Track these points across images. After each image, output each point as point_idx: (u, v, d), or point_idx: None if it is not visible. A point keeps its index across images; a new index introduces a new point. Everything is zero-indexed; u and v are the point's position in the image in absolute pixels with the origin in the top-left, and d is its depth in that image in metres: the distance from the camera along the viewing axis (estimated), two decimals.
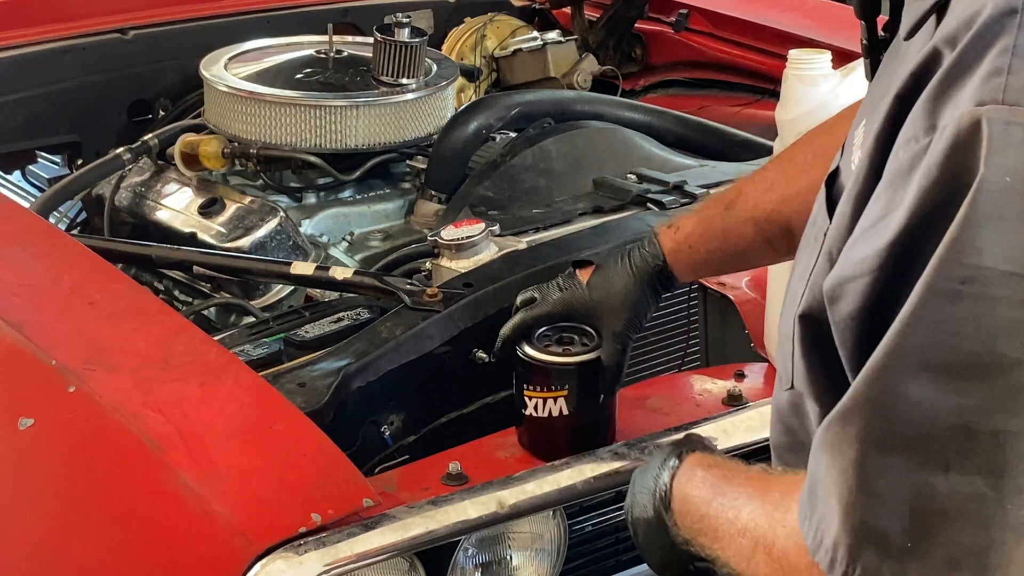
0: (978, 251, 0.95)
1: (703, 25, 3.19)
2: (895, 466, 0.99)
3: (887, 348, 1.00)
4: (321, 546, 1.39)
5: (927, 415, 0.98)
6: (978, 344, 0.96)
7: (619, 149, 2.43)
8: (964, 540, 0.98)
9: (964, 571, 0.98)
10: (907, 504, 0.99)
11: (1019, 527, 0.97)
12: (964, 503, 0.98)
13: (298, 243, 2.32)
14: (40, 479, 1.67)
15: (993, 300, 0.96)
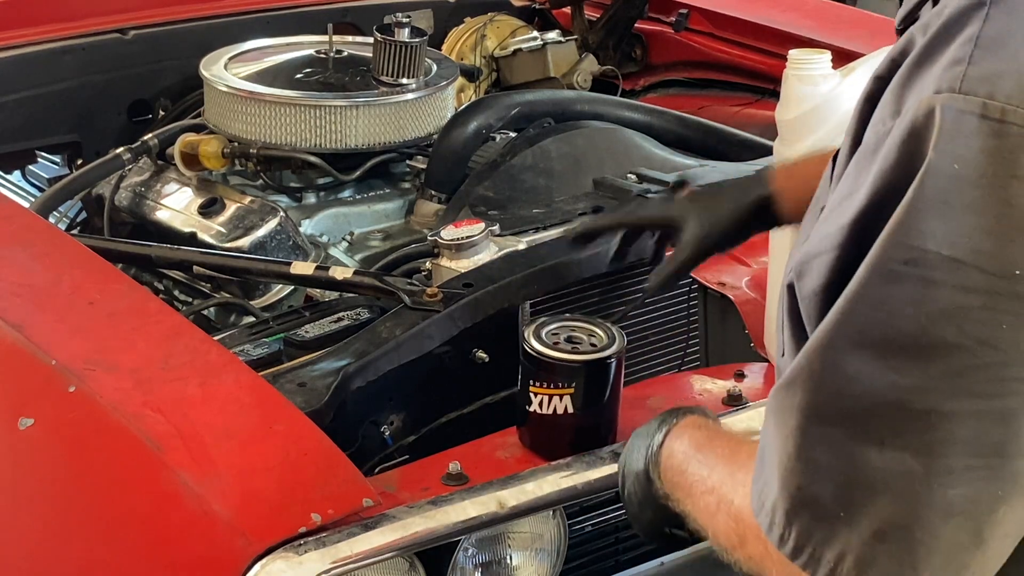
0: (922, 234, 0.98)
1: (703, 25, 3.19)
2: (831, 437, 1.02)
3: (830, 323, 1.02)
4: (321, 546, 1.39)
5: (864, 390, 1.00)
6: (916, 325, 0.98)
7: (619, 149, 2.43)
8: (891, 514, 1.00)
9: (889, 544, 1.01)
10: (841, 474, 1.02)
11: (945, 506, 0.99)
12: (894, 478, 1.00)
13: (298, 243, 2.32)
14: (40, 479, 1.67)
15: (934, 283, 0.98)
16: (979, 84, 0.97)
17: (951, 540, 1.01)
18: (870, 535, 1.01)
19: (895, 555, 1.01)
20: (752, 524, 1.10)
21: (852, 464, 1.01)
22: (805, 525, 1.04)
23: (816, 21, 3.01)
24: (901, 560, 1.01)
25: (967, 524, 1.01)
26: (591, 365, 1.59)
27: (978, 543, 1.01)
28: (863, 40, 2.66)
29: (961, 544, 1.01)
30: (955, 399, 0.99)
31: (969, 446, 0.99)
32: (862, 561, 1.02)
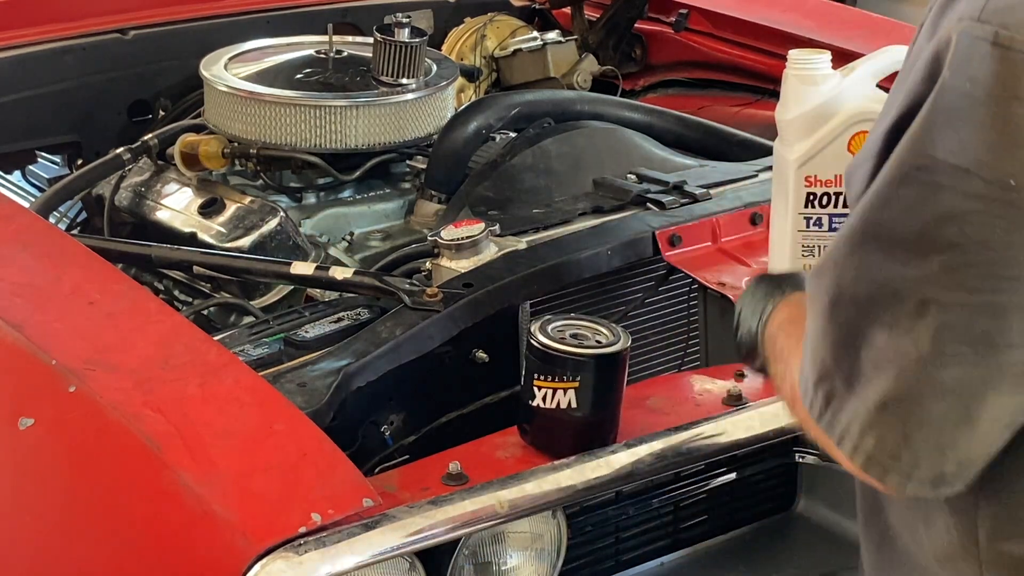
0: (933, 144, 1.11)
1: (703, 25, 3.19)
2: (848, 319, 1.16)
3: (853, 218, 1.18)
4: (321, 546, 1.39)
5: (875, 280, 1.14)
6: (922, 224, 1.12)
7: (619, 149, 2.43)
8: (892, 389, 1.14)
9: (889, 415, 1.14)
10: (855, 352, 1.16)
11: (937, 385, 1.12)
12: (896, 358, 1.13)
13: (298, 243, 2.32)
14: (40, 479, 1.67)
15: (940, 188, 1.11)
16: (994, 15, 1.09)
17: (941, 416, 1.13)
18: (874, 406, 1.15)
19: (892, 425, 1.15)
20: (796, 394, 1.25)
21: (863, 344, 1.15)
22: (826, 394, 1.18)
23: (816, 21, 3.01)
24: (897, 429, 1.15)
25: (957, 403, 1.13)
26: (598, 359, 1.59)
27: (967, 422, 1.13)
28: (863, 40, 2.66)
29: (950, 420, 1.13)
30: (951, 292, 1.11)
31: (961, 334, 1.11)
32: (866, 427, 1.15)
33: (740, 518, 1.89)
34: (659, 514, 1.81)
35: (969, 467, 1.18)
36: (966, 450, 1.16)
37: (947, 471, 1.17)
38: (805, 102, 1.74)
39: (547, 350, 1.59)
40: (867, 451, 1.16)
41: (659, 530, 1.81)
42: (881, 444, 1.16)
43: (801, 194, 1.75)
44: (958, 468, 1.17)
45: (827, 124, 1.73)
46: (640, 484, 1.73)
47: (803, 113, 1.74)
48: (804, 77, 1.75)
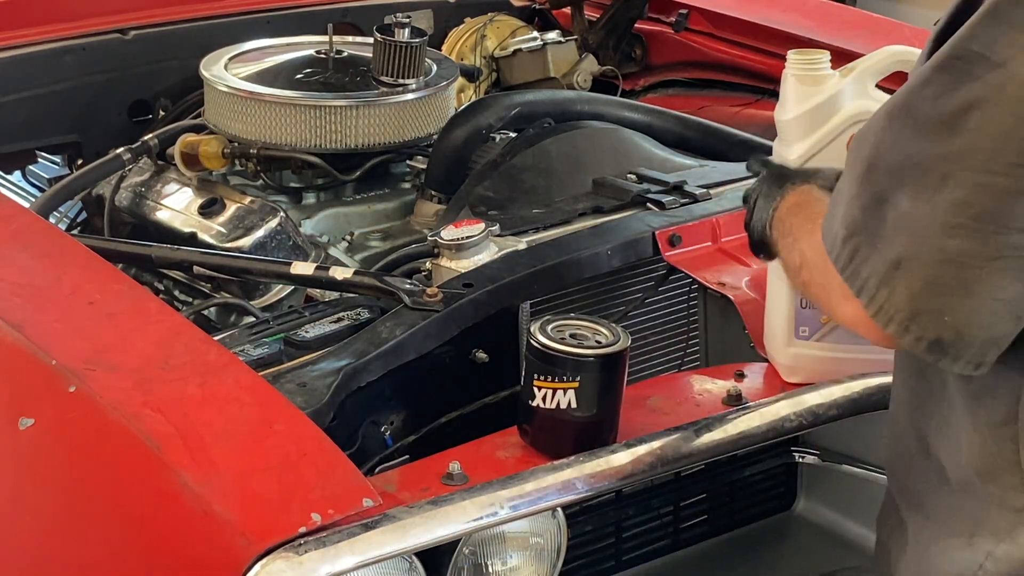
0: (972, 38, 1.24)
1: (703, 25, 3.19)
2: (879, 184, 1.29)
3: (896, 96, 1.30)
4: (321, 546, 1.39)
5: (906, 151, 1.28)
6: (951, 107, 1.24)
7: (619, 149, 2.43)
8: (905, 249, 1.27)
9: (902, 272, 1.28)
10: (882, 213, 1.29)
11: (942, 250, 1.25)
12: (912, 221, 1.27)
13: (298, 243, 2.32)
14: (40, 479, 1.67)
15: (971, 76, 1.24)
16: None
17: (939, 279, 1.26)
18: (891, 262, 1.28)
19: (903, 281, 1.28)
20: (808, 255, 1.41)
21: (889, 207, 1.28)
22: (852, 248, 1.31)
23: (816, 21, 3.01)
24: (905, 285, 1.28)
25: (955, 271, 1.26)
26: (598, 359, 1.59)
27: (964, 291, 1.26)
28: (863, 40, 2.66)
29: (948, 286, 1.26)
30: (967, 171, 1.24)
31: (969, 209, 1.24)
32: (882, 281, 1.29)
33: (740, 518, 1.89)
34: (659, 514, 1.81)
35: (968, 342, 1.28)
36: (965, 321, 1.27)
37: (945, 337, 1.28)
38: (805, 102, 1.74)
39: (547, 350, 1.59)
40: (879, 302, 1.29)
41: (659, 530, 1.81)
42: (891, 297, 1.28)
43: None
44: (956, 338, 1.28)
45: (827, 124, 1.74)
46: (640, 484, 1.73)
47: (803, 113, 1.74)
48: (803, 77, 1.75)
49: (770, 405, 1.74)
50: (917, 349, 1.29)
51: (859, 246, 1.31)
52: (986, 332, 1.28)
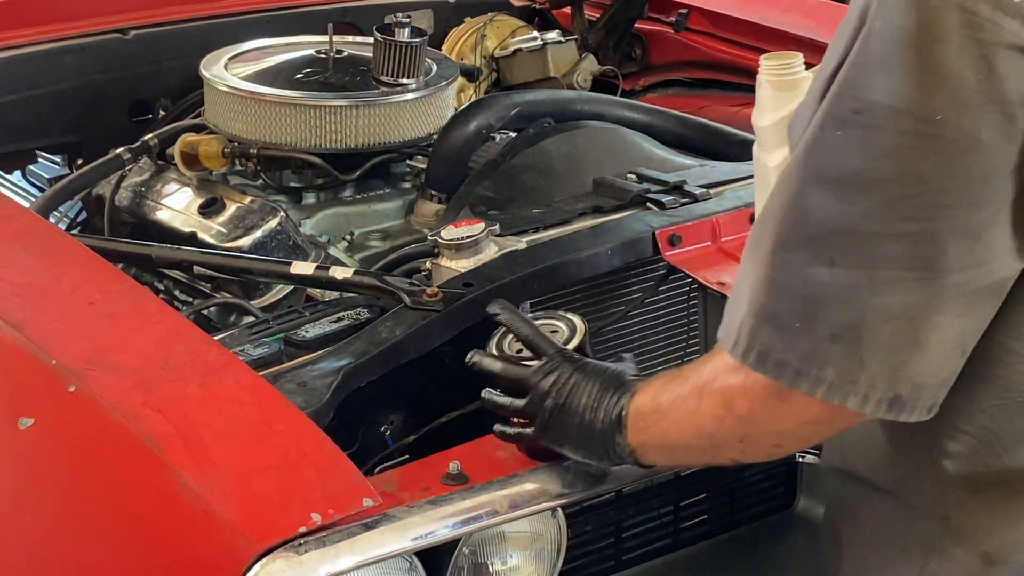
0: (868, 88, 1.20)
1: (703, 25, 3.19)
2: (793, 261, 1.24)
3: (793, 162, 1.26)
4: (321, 546, 1.39)
5: (820, 219, 1.22)
6: (862, 163, 1.20)
7: (619, 149, 2.43)
8: (842, 319, 1.22)
9: (842, 344, 1.23)
10: (800, 291, 1.23)
11: (885, 310, 1.21)
12: (843, 291, 1.22)
13: (298, 243, 2.32)
14: (40, 479, 1.67)
15: (877, 128, 1.20)
16: None
17: (891, 339, 1.22)
18: (826, 338, 1.23)
19: (847, 352, 1.23)
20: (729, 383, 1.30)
21: (809, 282, 1.23)
22: (768, 337, 1.25)
23: (816, 21, 3.01)
24: (851, 356, 1.23)
25: (905, 326, 1.22)
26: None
27: (916, 344, 1.23)
28: None
29: (901, 343, 1.22)
30: (891, 222, 1.20)
31: (903, 261, 1.21)
32: (822, 359, 1.23)
33: (740, 518, 1.89)
34: (659, 514, 1.81)
35: (923, 390, 1.26)
36: (919, 372, 1.24)
37: (903, 392, 1.24)
38: (782, 107, 1.71)
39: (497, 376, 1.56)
40: (828, 381, 1.23)
41: (659, 530, 1.81)
42: (841, 372, 1.23)
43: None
44: (913, 389, 1.25)
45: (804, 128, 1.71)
46: (640, 484, 1.73)
47: (781, 119, 1.71)
48: (778, 83, 1.72)
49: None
50: (878, 413, 1.25)
51: (776, 332, 1.25)
52: (938, 376, 1.26)
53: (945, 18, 1.17)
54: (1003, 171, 1.20)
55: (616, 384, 1.48)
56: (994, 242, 1.22)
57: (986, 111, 1.18)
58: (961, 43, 1.17)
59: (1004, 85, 1.17)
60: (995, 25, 1.17)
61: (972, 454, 1.33)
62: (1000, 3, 1.17)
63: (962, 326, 1.25)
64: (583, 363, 1.53)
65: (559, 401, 1.50)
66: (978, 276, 1.23)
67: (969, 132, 1.18)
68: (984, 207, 1.21)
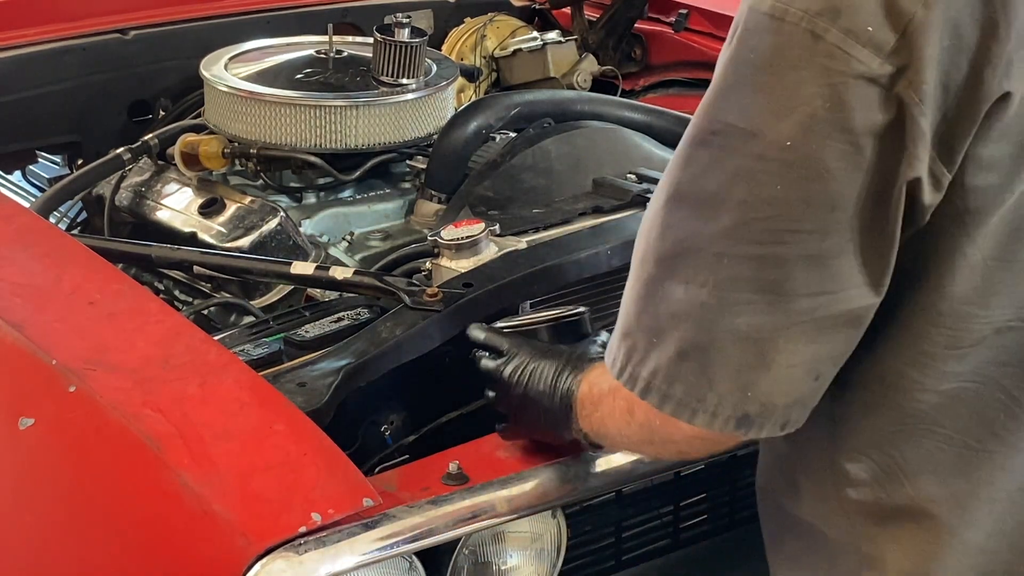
0: (725, 110, 1.21)
1: (703, 25, 3.19)
2: (651, 278, 1.26)
3: (662, 181, 1.27)
4: (321, 546, 1.39)
5: (675, 237, 1.24)
6: (717, 183, 1.21)
7: (619, 149, 2.43)
8: (691, 338, 1.23)
9: (690, 361, 1.23)
10: (654, 308, 1.25)
11: (733, 331, 1.22)
12: (693, 309, 1.22)
13: (298, 243, 2.32)
14: (40, 479, 1.67)
15: (731, 150, 1.20)
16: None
17: (739, 360, 1.22)
18: (675, 354, 1.24)
19: (695, 370, 1.23)
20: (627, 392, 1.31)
21: (663, 299, 1.24)
22: (627, 350, 1.28)
23: None
24: (699, 373, 1.23)
25: (752, 348, 1.22)
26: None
27: (763, 365, 1.22)
28: None
29: (748, 364, 1.22)
30: (741, 245, 1.20)
31: (752, 283, 1.21)
32: (670, 376, 1.25)
33: (740, 518, 1.89)
34: (659, 514, 1.81)
35: (772, 410, 1.25)
36: (767, 392, 1.24)
37: (751, 411, 1.24)
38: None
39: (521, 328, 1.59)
40: (677, 397, 1.25)
41: (659, 530, 1.81)
42: (689, 389, 1.24)
43: None
44: (761, 409, 1.24)
45: None
46: (640, 484, 1.73)
47: None
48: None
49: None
50: (726, 429, 1.25)
51: (635, 346, 1.27)
52: (787, 397, 1.25)
53: (797, 43, 1.16)
54: (851, 200, 1.19)
55: (571, 368, 1.51)
56: (843, 271, 1.21)
57: (834, 139, 1.17)
58: (812, 69, 1.16)
59: (852, 115, 1.16)
60: (845, 54, 1.16)
61: (874, 481, 1.32)
62: (851, 31, 1.16)
63: (814, 352, 1.24)
64: (543, 349, 1.56)
65: (520, 391, 1.54)
66: (827, 304, 1.22)
67: (817, 160, 1.17)
68: (831, 235, 1.20)
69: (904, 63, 1.16)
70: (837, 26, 1.16)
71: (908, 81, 1.16)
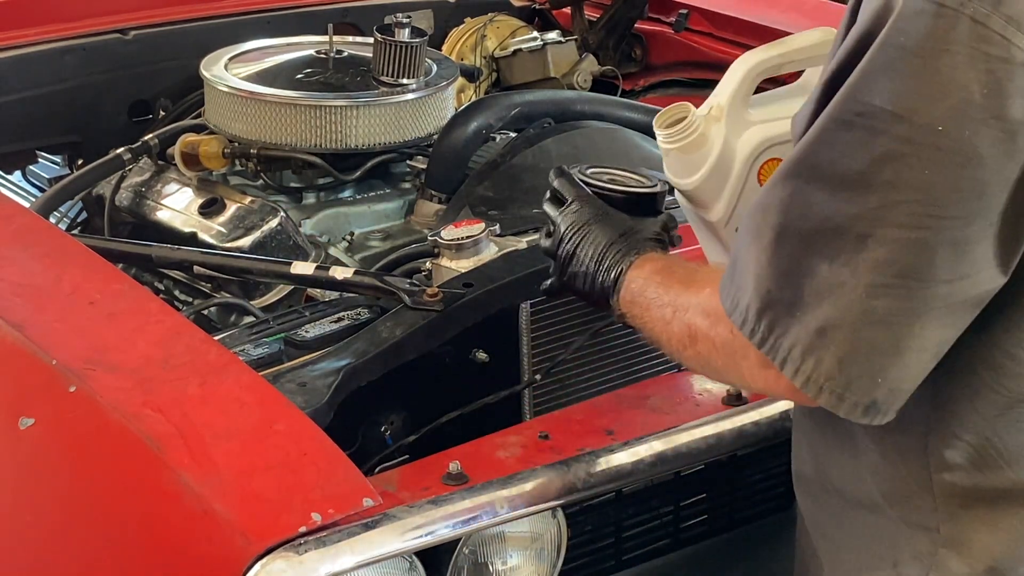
0: (872, 92, 1.20)
1: (703, 25, 3.19)
2: (795, 252, 1.25)
3: (795, 158, 1.26)
4: (321, 546, 1.39)
5: (820, 216, 1.23)
6: (861, 165, 1.20)
7: (619, 149, 2.43)
8: (829, 316, 1.23)
9: (827, 339, 1.23)
10: (799, 282, 1.24)
11: (868, 313, 1.22)
12: (834, 288, 1.22)
13: (298, 243, 2.32)
14: (40, 479, 1.67)
15: (877, 132, 1.19)
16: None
17: (873, 343, 1.23)
18: (814, 330, 1.24)
19: (830, 349, 1.23)
20: (702, 327, 1.35)
21: (807, 274, 1.24)
22: (771, 320, 1.26)
23: (816, 21, 3.01)
24: (833, 353, 1.23)
25: (887, 332, 1.22)
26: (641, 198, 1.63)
27: (896, 351, 1.23)
28: None
29: (881, 348, 1.23)
30: (884, 227, 1.20)
31: (892, 267, 1.21)
32: (807, 351, 1.25)
33: (740, 518, 1.89)
34: (659, 514, 1.81)
35: (898, 395, 1.26)
36: (896, 379, 1.25)
37: (878, 398, 1.25)
38: (697, 167, 1.64)
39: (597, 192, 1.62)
40: (807, 372, 1.25)
41: (659, 530, 1.81)
42: (819, 366, 1.24)
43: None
44: (888, 395, 1.25)
45: (731, 174, 1.63)
46: (640, 484, 1.73)
47: (702, 178, 1.64)
48: (684, 147, 1.64)
49: (770, 404, 1.74)
50: (853, 415, 1.26)
51: (777, 317, 1.26)
52: (914, 382, 1.26)
53: (955, 28, 1.16)
54: (999, 187, 1.19)
55: (624, 244, 1.54)
56: (981, 255, 1.22)
57: (988, 126, 1.17)
58: (969, 55, 1.16)
59: (1009, 103, 1.17)
60: (1006, 41, 1.16)
61: (972, 466, 1.32)
62: (1013, 19, 1.16)
63: (941, 336, 1.25)
64: (603, 212, 1.59)
65: (570, 248, 1.58)
66: (963, 288, 1.22)
67: (969, 146, 1.17)
68: (976, 221, 1.20)
69: None
70: (999, 13, 1.16)
71: None
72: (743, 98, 1.64)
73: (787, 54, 1.66)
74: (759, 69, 1.65)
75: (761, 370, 1.29)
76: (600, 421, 1.70)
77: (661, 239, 1.59)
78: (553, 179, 1.65)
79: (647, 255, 1.53)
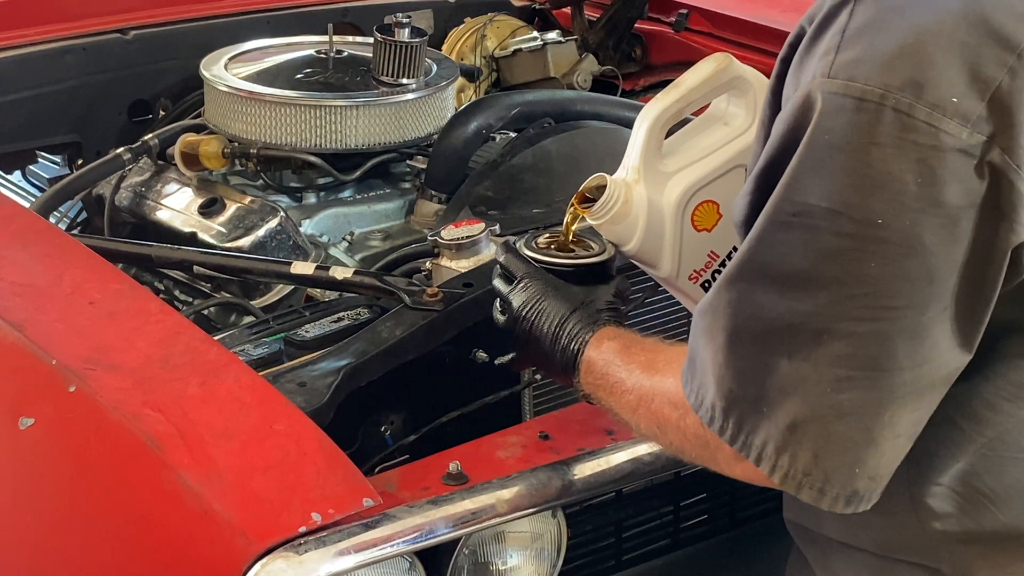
0: (805, 191, 1.19)
1: (703, 25, 3.19)
2: (750, 352, 1.24)
3: (739, 260, 1.25)
4: (321, 546, 1.39)
5: (770, 316, 1.22)
6: (806, 263, 1.20)
7: (619, 149, 2.40)
8: (798, 412, 1.22)
9: (799, 434, 1.22)
10: (761, 380, 1.23)
11: (836, 406, 1.21)
12: (798, 384, 1.21)
13: (298, 243, 2.32)
14: (40, 479, 1.67)
15: (817, 230, 1.19)
16: (844, 69, 1.18)
17: (845, 436, 1.21)
18: (784, 427, 1.23)
19: (803, 444, 1.22)
20: (669, 416, 1.34)
21: (768, 372, 1.23)
22: (738, 418, 1.25)
23: None
24: (807, 449, 1.22)
25: (858, 423, 1.21)
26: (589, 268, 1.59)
27: (870, 441, 1.22)
28: None
29: (854, 440, 1.22)
30: (839, 322, 1.19)
31: (852, 360, 1.20)
32: (780, 447, 1.23)
33: (740, 518, 1.89)
34: (659, 514, 1.81)
35: (878, 481, 1.25)
36: (874, 466, 1.24)
37: (859, 488, 1.24)
38: (631, 234, 1.63)
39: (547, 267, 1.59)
40: (784, 469, 1.24)
41: (659, 530, 1.81)
42: (795, 463, 1.23)
43: (699, 290, 1.65)
44: (869, 483, 1.24)
45: (665, 230, 1.62)
46: (640, 484, 1.73)
47: (639, 241, 1.62)
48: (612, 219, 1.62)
49: None
50: (836, 507, 1.24)
51: (745, 415, 1.25)
52: (893, 465, 1.25)
53: (880, 122, 1.15)
54: (947, 272, 1.18)
55: (578, 320, 1.51)
56: (941, 338, 1.21)
57: (927, 215, 1.16)
58: (897, 147, 1.15)
59: (945, 189, 1.15)
60: (933, 128, 1.14)
61: (960, 512, 1.31)
62: (938, 105, 1.14)
63: (914, 418, 1.24)
64: (554, 287, 1.56)
65: (526, 325, 1.55)
66: (928, 372, 1.21)
67: (912, 236, 1.16)
68: (931, 307, 1.19)
69: (994, 130, 1.15)
70: (922, 101, 1.14)
71: (1001, 147, 1.15)
72: (654, 152, 1.64)
73: (685, 96, 1.63)
74: (662, 120, 1.63)
75: (737, 462, 1.28)
76: (600, 421, 1.70)
77: (615, 307, 1.56)
78: (500, 255, 1.62)
79: (603, 331, 1.49)
